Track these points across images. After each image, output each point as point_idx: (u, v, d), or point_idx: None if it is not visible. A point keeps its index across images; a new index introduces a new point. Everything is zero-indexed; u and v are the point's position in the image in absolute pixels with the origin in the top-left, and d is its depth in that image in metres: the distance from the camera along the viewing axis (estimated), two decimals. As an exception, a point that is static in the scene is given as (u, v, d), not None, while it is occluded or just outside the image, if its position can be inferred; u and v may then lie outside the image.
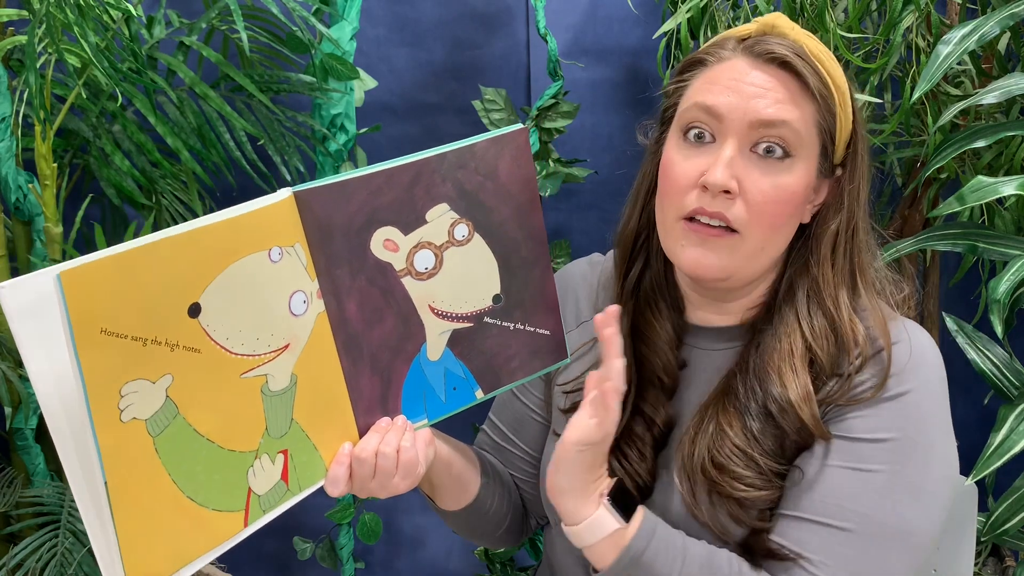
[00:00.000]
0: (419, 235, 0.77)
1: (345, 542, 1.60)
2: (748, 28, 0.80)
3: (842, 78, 0.78)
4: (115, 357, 0.62)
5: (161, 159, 1.41)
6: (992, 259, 1.15)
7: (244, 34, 1.21)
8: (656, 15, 1.56)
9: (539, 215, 0.82)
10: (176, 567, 0.67)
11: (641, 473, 0.81)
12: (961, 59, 1.18)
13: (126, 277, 0.62)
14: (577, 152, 1.62)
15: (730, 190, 0.75)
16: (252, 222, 0.69)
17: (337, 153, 1.43)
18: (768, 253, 0.79)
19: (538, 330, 0.84)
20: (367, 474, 0.75)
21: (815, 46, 0.78)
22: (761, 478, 0.76)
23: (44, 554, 1.33)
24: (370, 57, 1.58)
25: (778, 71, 0.76)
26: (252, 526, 0.72)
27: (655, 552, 0.75)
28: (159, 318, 0.64)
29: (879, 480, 0.73)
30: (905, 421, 0.74)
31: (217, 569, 1.72)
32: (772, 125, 0.75)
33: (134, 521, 0.64)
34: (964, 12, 1.33)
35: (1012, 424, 1.06)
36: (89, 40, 1.19)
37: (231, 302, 0.68)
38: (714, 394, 0.81)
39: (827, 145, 0.78)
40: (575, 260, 0.99)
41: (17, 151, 1.28)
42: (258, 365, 0.71)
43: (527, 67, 1.61)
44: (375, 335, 0.77)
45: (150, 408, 0.64)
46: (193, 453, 0.68)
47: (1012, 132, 1.10)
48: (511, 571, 1.61)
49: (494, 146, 0.79)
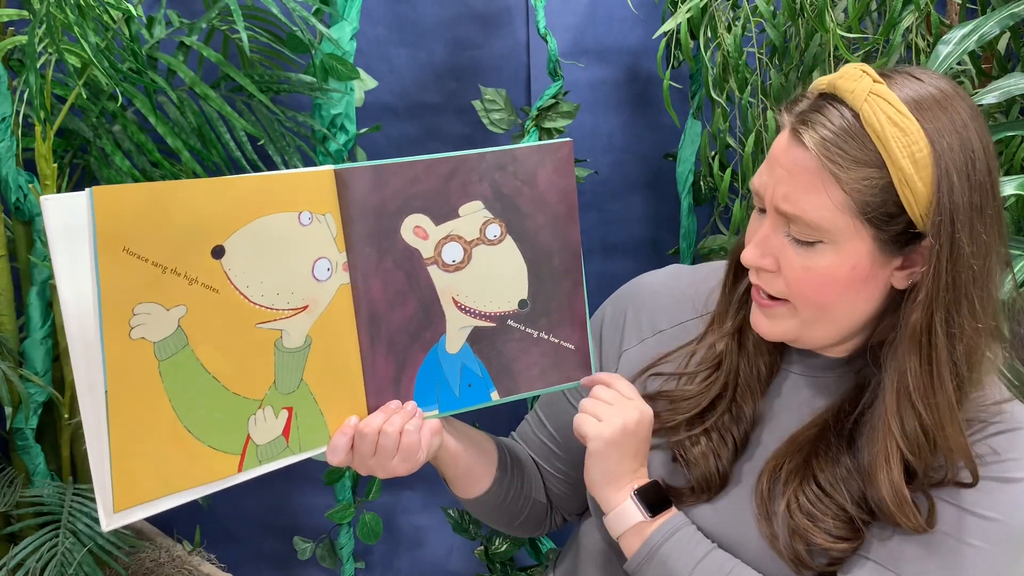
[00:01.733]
0: (450, 227, 0.79)
1: (345, 542, 1.61)
2: (820, 83, 0.75)
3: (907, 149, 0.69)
4: (133, 276, 0.66)
5: (161, 159, 1.41)
6: (992, 259, 1.15)
7: (244, 34, 1.21)
8: (656, 15, 1.56)
9: (576, 229, 0.83)
10: (163, 492, 0.69)
11: (723, 462, 0.81)
12: (961, 59, 1.18)
13: (155, 206, 0.66)
14: (577, 152, 1.61)
15: (763, 268, 0.75)
16: (287, 183, 0.72)
17: (337, 153, 1.43)
18: (836, 322, 0.76)
19: (563, 343, 0.84)
20: (368, 450, 0.77)
21: (876, 112, 0.69)
22: (840, 527, 0.74)
23: (44, 554, 1.33)
24: (370, 57, 1.58)
25: (803, 152, 0.71)
26: (246, 473, 0.74)
27: (671, 548, 0.77)
28: (182, 251, 0.68)
29: (972, 556, 0.71)
30: (1014, 507, 0.72)
31: (217, 569, 1.72)
32: (788, 217, 0.73)
33: (128, 435, 0.67)
34: (964, 12, 1.33)
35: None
36: (89, 40, 1.19)
37: (255, 252, 0.71)
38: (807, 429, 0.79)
39: (880, 224, 0.70)
40: (651, 272, 0.97)
41: (17, 151, 1.28)
42: (275, 319, 0.73)
43: (527, 67, 1.61)
44: (396, 317, 0.78)
45: (160, 332, 0.68)
46: (197, 386, 0.70)
47: (1012, 132, 1.10)
48: (511, 571, 1.61)
49: (536, 154, 0.80)
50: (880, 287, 0.74)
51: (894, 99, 0.70)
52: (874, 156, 0.69)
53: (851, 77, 0.72)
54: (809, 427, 0.79)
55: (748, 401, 0.82)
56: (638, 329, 0.92)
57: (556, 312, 0.83)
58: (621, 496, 0.80)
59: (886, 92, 0.71)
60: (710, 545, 0.78)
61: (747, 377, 0.83)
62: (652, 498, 0.80)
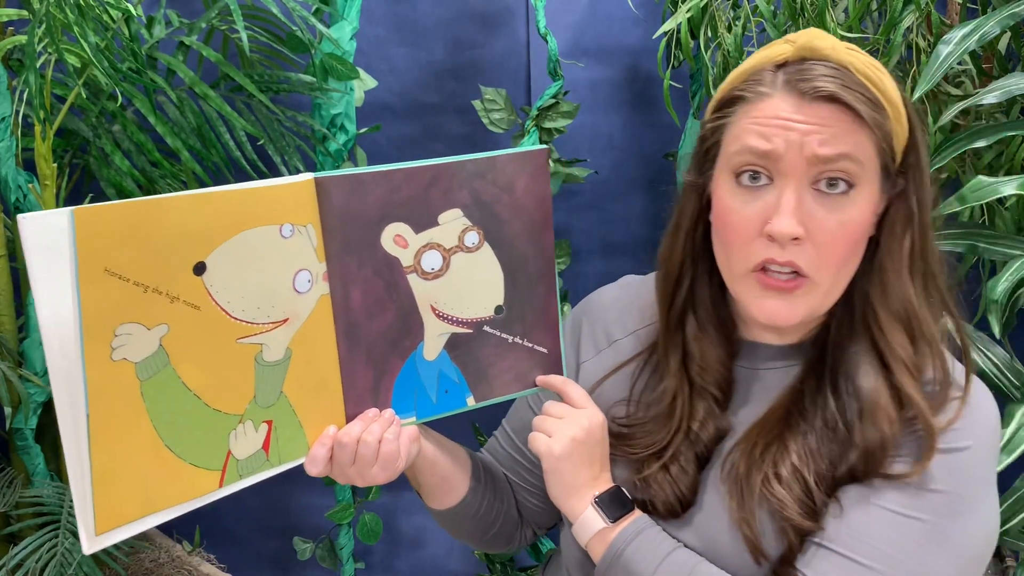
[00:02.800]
0: (429, 236, 0.79)
1: (345, 542, 1.60)
2: (783, 51, 0.75)
3: (893, 88, 0.74)
4: (115, 297, 0.64)
5: (161, 159, 1.41)
6: (992, 259, 1.15)
7: (244, 34, 1.21)
8: (656, 15, 1.56)
9: (550, 235, 0.84)
10: (145, 512, 0.69)
11: (682, 486, 0.81)
12: (961, 59, 1.18)
13: (137, 225, 0.65)
14: (577, 152, 1.62)
15: (799, 236, 0.72)
16: (268, 196, 0.71)
17: (337, 153, 1.43)
18: (842, 283, 0.77)
19: (536, 347, 0.85)
20: (347, 460, 0.77)
21: (861, 62, 0.73)
22: (806, 503, 0.75)
23: (44, 554, 1.33)
24: (370, 57, 1.58)
25: (827, 105, 0.71)
26: (227, 488, 0.73)
27: (634, 551, 0.78)
28: (164, 269, 0.67)
29: (918, 529, 0.72)
30: (959, 477, 0.73)
31: (217, 569, 1.72)
32: (831, 160, 0.71)
33: (109, 457, 0.66)
34: (964, 12, 1.32)
35: (1020, 421, 1.06)
36: (89, 40, 1.19)
37: (236, 267, 0.70)
38: (776, 410, 0.80)
39: (888, 163, 0.74)
40: (604, 286, 0.98)
41: (17, 151, 1.28)
42: (255, 333, 0.72)
43: (527, 67, 1.61)
44: (375, 326, 0.78)
45: (142, 352, 0.67)
46: (178, 405, 0.69)
47: (1012, 132, 1.10)
48: (511, 571, 1.61)
49: (514, 162, 0.80)
50: (866, 240, 0.77)
51: (863, 52, 0.75)
52: (877, 99, 0.72)
53: (824, 38, 0.74)
54: (777, 408, 0.80)
55: (708, 426, 0.82)
56: (594, 341, 0.93)
57: (530, 317, 0.84)
58: (583, 505, 0.81)
59: (854, 47, 0.75)
60: (673, 545, 0.78)
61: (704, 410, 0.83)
62: (614, 503, 0.81)
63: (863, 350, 0.77)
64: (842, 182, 0.72)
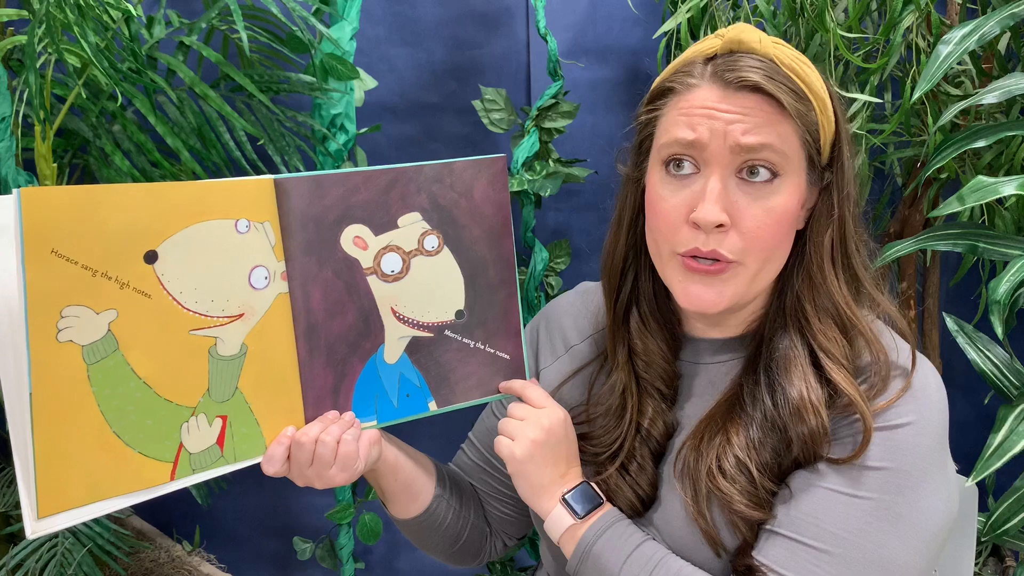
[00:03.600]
0: (389, 238, 0.80)
1: (345, 542, 1.60)
2: (713, 45, 0.77)
3: (819, 82, 0.76)
4: (61, 279, 0.65)
5: (161, 159, 1.41)
6: (992, 259, 1.15)
7: (244, 34, 1.21)
8: (656, 15, 1.56)
9: (510, 241, 0.85)
10: (91, 499, 0.68)
11: (642, 484, 0.82)
12: (961, 59, 1.18)
13: (86, 209, 0.66)
14: (577, 152, 1.62)
15: (723, 224, 0.74)
16: (224, 190, 0.72)
17: (337, 153, 1.42)
18: (769, 272, 0.78)
19: (498, 352, 0.86)
20: (305, 460, 0.77)
21: (786, 55, 0.75)
22: (753, 493, 0.76)
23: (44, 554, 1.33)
24: (370, 57, 1.58)
25: (751, 95, 0.73)
26: (179, 482, 0.73)
27: (603, 545, 0.78)
28: (113, 255, 0.67)
29: (866, 507, 0.72)
30: (902, 453, 0.73)
31: (217, 569, 1.72)
32: (754, 149, 0.73)
33: (54, 440, 0.66)
34: (964, 12, 1.33)
35: (1012, 425, 1.06)
36: (89, 40, 1.18)
37: (189, 259, 0.71)
38: (720, 404, 0.81)
39: (813, 155, 0.76)
40: (560, 295, 1.00)
41: (17, 151, 1.28)
42: (209, 326, 0.73)
43: (527, 67, 1.61)
44: (335, 327, 0.79)
45: (89, 336, 0.67)
46: (127, 392, 0.69)
47: (1012, 132, 1.10)
48: (511, 571, 1.61)
49: (472, 168, 0.82)
50: (794, 230, 0.79)
51: (789, 46, 0.77)
52: (801, 91, 0.74)
53: (751, 32, 0.76)
54: (721, 402, 0.81)
55: (657, 423, 0.83)
56: (552, 349, 0.95)
57: (492, 322, 0.85)
58: (552, 503, 0.81)
59: (781, 41, 0.77)
60: (642, 537, 0.79)
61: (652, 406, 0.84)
62: (582, 499, 0.81)
63: (793, 344, 0.78)
64: (766, 170, 0.74)
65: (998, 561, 1.50)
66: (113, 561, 1.50)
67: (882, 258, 1.15)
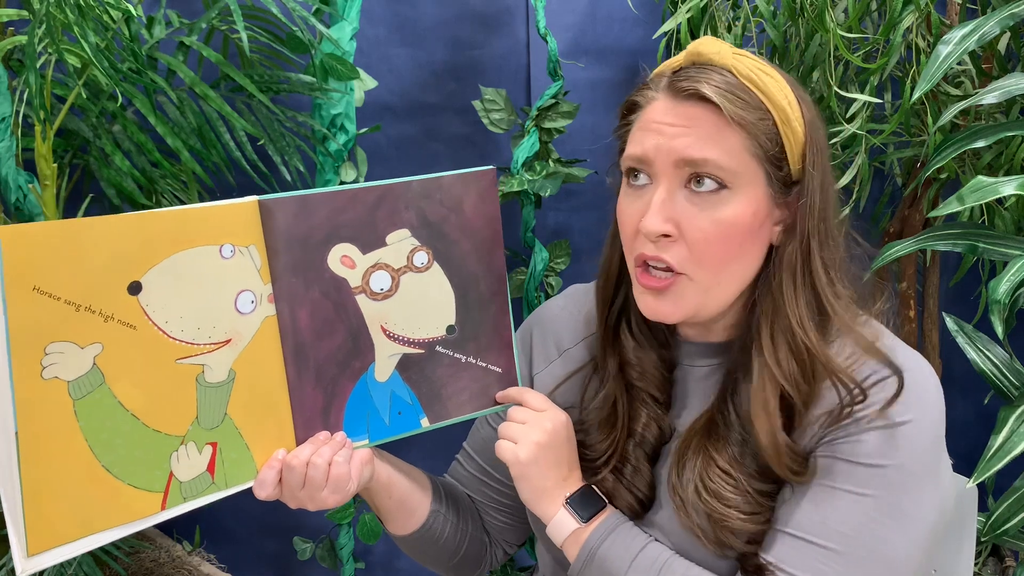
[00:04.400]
0: (377, 256, 0.79)
1: (345, 542, 1.60)
2: (679, 59, 0.78)
3: (782, 92, 0.75)
4: (44, 315, 0.65)
5: (161, 159, 1.41)
6: (992, 259, 1.15)
7: (244, 34, 1.21)
8: (656, 15, 1.56)
9: (501, 254, 0.84)
10: (82, 534, 0.68)
11: (640, 487, 0.82)
12: (961, 59, 1.18)
13: (66, 244, 0.65)
14: (577, 152, 1.62)
15: (667, 234, 0.74)
16: (206, 216, 0.71)
17: (337, 153, 1.42)
18: (729, 284, 0.78)
19: (490, 366, 0.85)
20: (296, 483, 0.76)
21: (745, 65, 0.75)
22: (749, 502, 0.76)
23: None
24: (370, 57, 1.58)
25: (698, 106, 0.74)
26: (170, 511, 0.73)
27: (608, 548, 0.78)
28: (96, 288, 0.67)
29: (870, 504, 0.73)
30: (902, 450, 0.73)
31: (217, 569, 1.72)
32: (695, 163, 0.73)
33: (41, 476, 0.65)
34: (964, 12, 1.33)
35: (1012, 426, 1.06)
36: (89, 40, 1.18)
37: (174, 287, 0.70)
38: (700, 421, 0.81)
39: (771, 169, 0.75)
40: (551, 298, 1.01)
41: (17, 151, 1.28)
42: (196, 354, 0.72)
43: (527, 67, 1.61)
44: (324, 348, 0.78)
45: (74, 371, 0.67)
46: (115, 425, 0.69)
47: (1012, 132, 1.10)
48: (511, 571, 1.61)
49: (461, 182, 0.81)
50: (765, 241, 0.78)
51: (754, 57, 0.77)
52: (758, 101, 0.74)
53: (712, 43, 0.76)
54: (701, 416, 0.81)
55: (651, 427, 0.83)
56: (545, 353, 0.94)
57: (483, 336, 0.84)
58: (555, 507, 0.81)
59: (746, 53, 0.77)
60: (646, 539, 0.79)
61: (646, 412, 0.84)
62: (585, 502, 0.81)
63: (760, 362, 0.77)
64: (711, 180, 0.74)
65: (998, 561, 1.50)
66: (113, 561, 1.50)
67: (882, 258, 1.15)
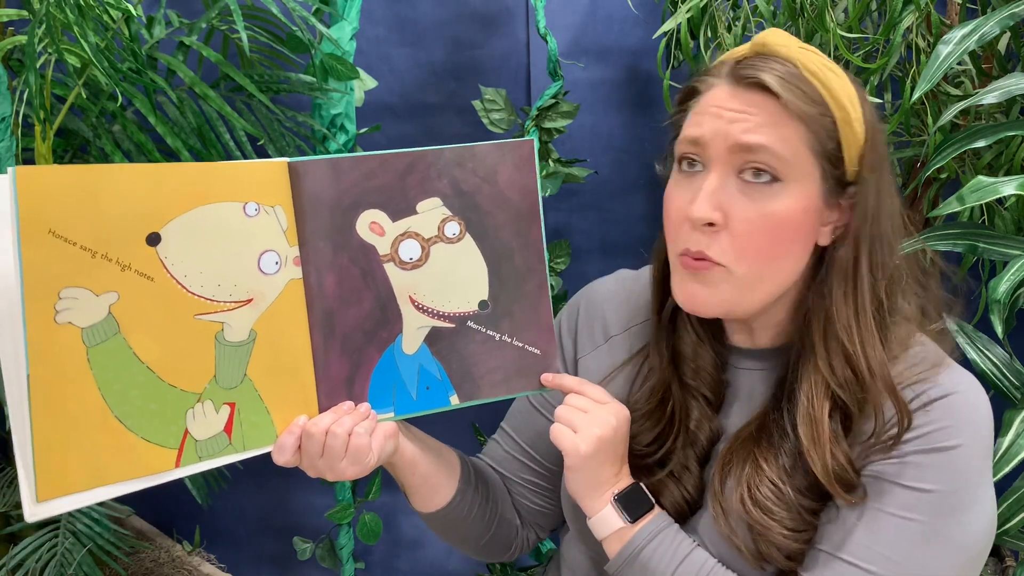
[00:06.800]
0: (407, 224, 0.77)
1: (345, 542, 1.60)
2: (744, 49, 0.77)
3: (846, 92, 0.74)
4: (59, 259, 0.64)
5: (161, 159, 1.41)
6: (992, 259, 1.15)
7: (244, 34, 1.21)
8: (656, 15, 1.56)
9: (539, 228, 0.81)
10: (93, 484, 0.67)
11: (688, 488, 0.81)
12: (961, 59, 1.18)
13: (85, 190, 0.64)
14: (577, 152, 1.62)
15: (713, 222, 0.73)
16: (231, 173, 0.70)
17: (337, 153, 1.43)
18: (772, 283, 0.76)
19: (527, 347, 0.81)
20: (315, 451, 0.75)
21: (812, 61, 0.74)
22: (794, 518, 0.75)
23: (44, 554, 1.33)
24: (370, 57, 1.58)
25: (759, 95, 0.73)
26: (184, 469, 0.71)
27: (653, 550, 0.77)
28: (113, 236, 0.66)
29: (916, 530, 0.72)
30: (951, 475, 0.72)
31: (217, 569, 1.72)
32: (751, 150, 0.72)
33: (53, 422, 0.65)
34: (964, 12, 1.33)
35: (1018, 428, 1.06)
36: (89, 40, 1.18)
37: (194, 242, 0.69)
38: (749, 428, 0.80)
39: (827, 166, 0.74)
40: (599, 279, 0.97)
41: (17, 151, 1.28)
42: (215, 311, 0.71)
43: (527, 67, 1.61)
44: (350, 315, 0.76)
45: (89, 318, 0.66)
46: (130, 376, 0.68)
47: (1012, 132, 1.10)
48: (511, 571, 1.61)
49: (496, 151, 0.78)
50: (810, 242, 0.76)
51: (820, 53, 0.75)
52: (820, 96, 0.73)
53: (779, 35, 0.75)
54: (751, 422, 0.80)
55: (703, 426, 0.82)
56: (591, 336, 0.92)
57: (520, 314, 0.81)
58: (601, 503, 0.80)
59: (812, 48, 0.75)
60: (691, 545, 0.78)
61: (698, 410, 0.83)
62: (633, 501, 0.80)
63: (809, 371, 0.76)
64: (766, 173, 0.72)
65: (998, 561, 1.50)
66: (113, 561, 1.50)
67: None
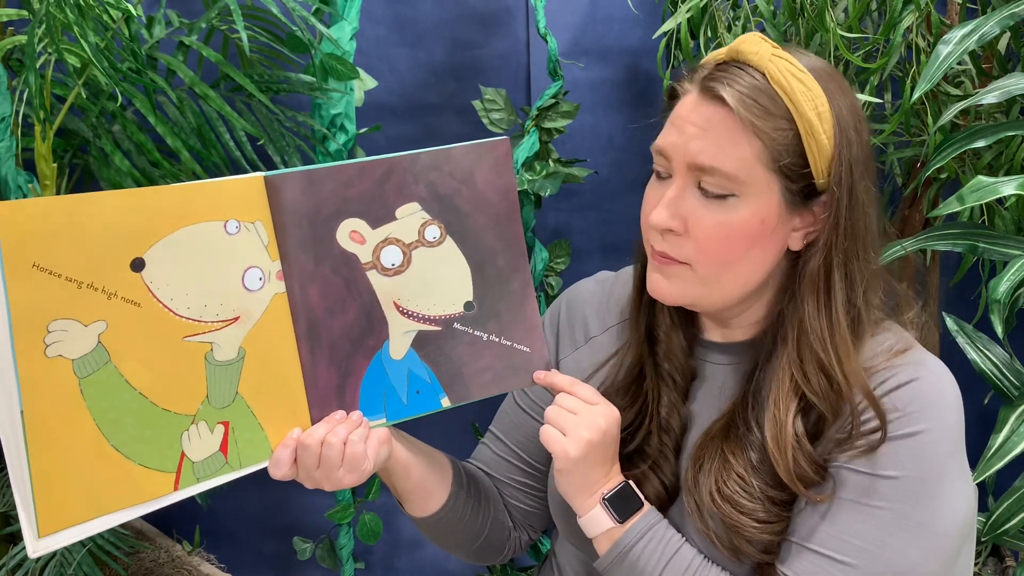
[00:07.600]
0: (387, 231, 0.78)
1: (345, 542, 1.60)
2: (721, 53, 0.78)
3: (812, 104, 0.73)
4: (45, 293, 0.64)
5: (161, 159, 1.41)
6: (992, 259, 1.15)
7: (244, 34, 1.21)
8: (656, 15, 1.56)
9: (518, 227, 0.81)
10: (93, 514, 0.67)
11: (667, 473, 0.82)
12: (961, 59, 1.18)
13: (66, 220, 0.64)
14: (577, 152, 1.62)
15: (672, 229, 0.76)
16: (210, 192, 0.71)
17: (337, 153, 1.43)
18: (734, 283, 0.77)
19: (516, 345, 0.82)
20: (311, 463, 0.75)
21: (781, 70, 0.73)
22: (765, 510, 0.75)
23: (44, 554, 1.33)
24: (370, 57, 1.58)
25: (720, 108, 0.73)
26: (183, 491, 0.72)
27: (642, 548, 0.78)
28: (97, 265, 0.66)
29: (885, 517, 0.72)
30: (917, 460, 0.72)
31: (217, 569, 1.72)
32: (703, 170, 0.74)
33: (50, 456, 0.65)
34: (964, 12, 1.33)
35: (1013, 425, 1.06)
36: (89, 40, 1.18)
37: (178, 264, 0.69)
38: (718, 424, 0.81)
39: (785, 180, 0.74)
40: (580, 280, 0.99)
41: (17, 151, 1.28)
42: (203, 331, 0.71)
43: (527, 67, 1.61)
44: (335, 325, 0.77)
45: (79, 349, 0.66)
46: (123, 403, 0.68)
47: (1012, 132, 1.10)
48: (511, 571, 1.61)
49: (472, 153, 0.79)
50: (778, 245, 0.77)
51: (794, 60, 0.75)
52: (783, 109, 0.73)
53: (752, 42, 0.75)
54: (720, 417, 0.81)
55: (673, 415, 0.83)
56: (572, 337, 0.94)
57: (506, 313, 0.81)
58: (591, 503, 0.80)
59: (786, 55, 0.75)
60: (679, 542, 0.79)
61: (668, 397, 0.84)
62: (622, 500, 0.80)
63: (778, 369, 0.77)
64: (717, 190, 0.74)
65: (998, 561, 1.50)
66: (113, 561, 1.50)
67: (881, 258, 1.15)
